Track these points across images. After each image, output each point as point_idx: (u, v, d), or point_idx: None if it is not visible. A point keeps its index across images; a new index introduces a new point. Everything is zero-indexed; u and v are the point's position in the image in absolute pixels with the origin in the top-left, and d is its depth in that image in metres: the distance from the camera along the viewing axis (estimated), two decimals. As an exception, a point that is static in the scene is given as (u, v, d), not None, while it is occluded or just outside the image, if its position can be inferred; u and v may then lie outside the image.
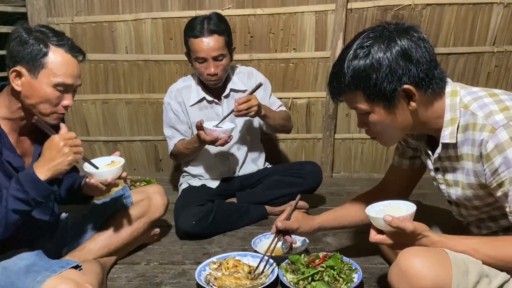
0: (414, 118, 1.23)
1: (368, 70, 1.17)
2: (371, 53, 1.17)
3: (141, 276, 1.79)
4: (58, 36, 1.46)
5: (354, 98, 1.24)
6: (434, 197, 1.90)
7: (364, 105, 1.23)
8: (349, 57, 1.20)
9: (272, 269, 1.66)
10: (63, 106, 1.49)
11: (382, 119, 1.23)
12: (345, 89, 1.23)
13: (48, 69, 1.43)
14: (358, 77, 1.19)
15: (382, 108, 1.21)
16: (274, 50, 2.85)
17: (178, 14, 2.80)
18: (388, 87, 1.17)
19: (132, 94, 2.99)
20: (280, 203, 2.30)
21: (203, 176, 2.38)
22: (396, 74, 1.16)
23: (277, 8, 2.77)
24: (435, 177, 1.37)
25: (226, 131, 2.07)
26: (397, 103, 1.20)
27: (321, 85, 2.90)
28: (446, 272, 1.12)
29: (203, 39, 2.07)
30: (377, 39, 1.18)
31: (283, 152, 3.09)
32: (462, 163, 1.25)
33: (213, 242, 2.08)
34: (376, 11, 2.73)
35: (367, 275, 1.70)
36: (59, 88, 1.45)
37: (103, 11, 2.84)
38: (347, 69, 1.20)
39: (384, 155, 3.01)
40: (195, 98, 2.28)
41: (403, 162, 1.54)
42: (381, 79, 1.16)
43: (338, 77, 1.23)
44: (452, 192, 1.33)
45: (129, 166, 3.17)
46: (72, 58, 1.48)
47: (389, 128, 1.25)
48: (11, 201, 1.34)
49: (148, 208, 1.91)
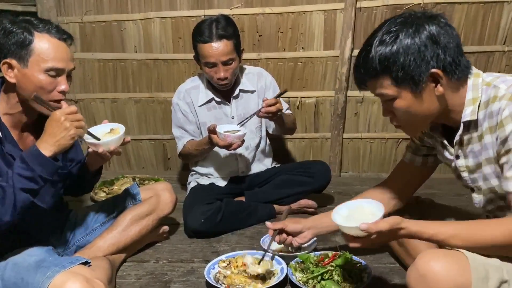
0: (440, 103, 1.23)
1: (396, 54, 1.17)
2: (399, 37, 1.17)
3: (150, 274, 1.79)
4: (42, 23, 1.46)
5: (381, 83, 1.23)
6: (444, 197, 1.89)
7: (391, 90, 1.22)
8: (376, 43, 1.20)
9: (281, 267, 1.66)
10: (59, 91, 1.48)
11: (408, 104, 1.22)
12: (373, 74, 1.22)
13: (36, 55, 1.42)
14: (386, 61, 1.18)
15: (410, 92, 1.21)
16: (283, 49, 2.85)
17: (187, 13, 2.81)
18: (416, 71, 1.17)
19: (141, 93, 3.00)
20: (289, 202, 2.30)
21: (212, 175, 2.38)
22: (425, 58, 1.17)
23: (285, 7, 2.76)
24: (456, 165, 1.35)
25: (240, 137, 2.06)
26: (424, 88, 1.20)
27: (329, 84, 2.90)
28: (465, 277, 1.10)
29: (212, 44, 2.07)
30: (405, 25, 1.19)
31: (291, 151, 3.08)
32: (482, 141, 1.24)
33: (221, 240, 2.08)
34: (386, 10, 2.72)
35: (377, 274, 1.69)
36: (51, 73, 1.44)
37: (112, 10, 2.86)
38: (374, 54, 1.20)
39: (392, 154, 3.00)
40: (203, 98, 2.29)
41: (416, 159, 1.53)
42: (410, 63, 1.17)
43: (365, 63, 1.23)
44: (474, 176, 1.32)
45: (137, 165, 3.18)
46: (59, 42, 1.46)
47: (415, 114, 1.24)
48: (17, 180, 1.33)
49: (156, 205, 1.91)
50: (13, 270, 1.42)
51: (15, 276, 1.40)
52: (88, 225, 1.83)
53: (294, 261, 1.67)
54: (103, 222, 1.85)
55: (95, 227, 1.83)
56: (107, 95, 3.02)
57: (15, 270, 1.42)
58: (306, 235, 1.64)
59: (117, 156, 3.10)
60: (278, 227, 1.63)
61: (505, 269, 1.14)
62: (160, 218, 1.94)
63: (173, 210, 1.99)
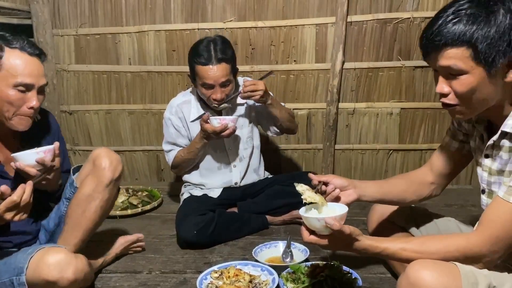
0: (503, 93, 1.20)
1: (488, 29, 1.11)
2: (495, 12, 1.11)
3: (143, 284, 1.80)
4: (15, 39, 1.47)
5: (459, 54, 1.14)
6: (433, 207, 1.92)
7: (466, 64, 1.15)
8: (468, 12, 1.12)
9: (273, 277, 1.68)
10: (28, 107, 1.49)
11: (477, 82, 1.16)
12: (454, 41, 1.14)
13: (5, 70, 1.44)
14: (476, 33, 1.11)
15: (482, 71, 1.14)
16: (275, 62, 2.90)
17: (180, 27, 2.85)
18: (501, 51, 1.12)
19: (135, 105, 3.03)
20: (281, 212, 2.32)
21: (205, 186, 2.40)
22: (511, 42, 1.12)
23: (278, 21, 2.82)
24: (482, 163, 1.33)
25: (234, 120, 2.14)
26: (497, 72, 1.14)
27: (321, 96, 2.94)
28: (455, 284, 1.12)
29: (212, 67, 2.09)
30: (501, 1, 1.13)
31: (284, 162, 3.11)
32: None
33: (214, 251, 2.10)
34: (376, 24, 2.78)
35: (367, 285, 1.71)
36: (20, 88, 1.45)
37: (107, 23, 2.89)
38: (466, 22, 1.12)
39: (384, 165, 3.03)
40: (195, 114, 2.31)
41: (452, 144, 1.50)
42: (498, 42, 1.11)
43: (449, 27, 1.14)
44: (491, 180, 1.30)
45: (131, 176, 3.20)
46: (30, 57, 1.47)
47: (477, 95, 1.18)
48: None
49: (94, 174, 1.67)
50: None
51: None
52: (53, 233, 1.74)
53: (286, 272, 1.69)
54: (57, 223, 1.72)
55: (56, 231, 1.72)
56: (101, 107, 3.04)
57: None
58: (351, 193, 1.50)
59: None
60: (323, 179, 1.49)
61: (493, 276, 1.17)
62: (106, 185, 1.66)
63: (118, 175, 1.70)
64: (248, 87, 2.13)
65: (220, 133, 2.11)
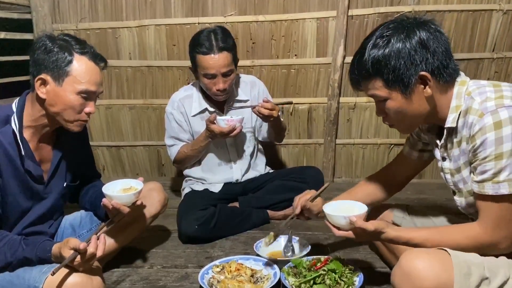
0: (429, 104, 1.29)
1: (387, 58, 1.24)
2: (391, 42, 1.24)
3: (145, 279, 1.81)
4: (81, 44, 1.50)
5: (373, 85, 1.30)
6: (435, 201, 1.92)
7: (382, 92, 1.29)
8: (370, 46, 1.27)
9: (274, 272, 1.68)
10: (86, 113, 1.52)
11: (399, 104, 1.29)
12: (366, 76, 1.30)
13: (73, 76, 1.46)
14: (378, 64, 1.25)
15: (400, 94, 1.27)
16: (276, 56, 2.88)
17: (181, 21, 2.83)
18: (406, 74, 1.24)
19: (136, 100, 3.02)
20: (282, 207, 2.32)
21: (206, 180, 2.40)
22: (414, 62, 1.23)
23: (279, 15, 2.80)
24: (442, 167, 1.42)
25: (241, 120, 2.14)
26: (414, 89, 1.26)
27: (322, 90, 2.93)
28: (448, 274, 1.15)
29: (213, 56, 2.09)
30: (397, 30, 1.25)
31: (285, 157, 3.11)
32: (461, 147, 1.31)
33: (215, 246, 2.10)
34: (377, 17, 2.76)
35: (368, 279, 1.71)
36: (83, 95, 1.48)
37: (107, 18, 2.88)
38: (368, 57, 1.26)
39: (385, 160, 3.03)
40: (197, 108, 2.31)
41: (413, 153, 1.61)
42: (400, 66, 1.24)
43: (359, 65, 1.30)
44: (455, 180, 1.38)
45: (131, 171, 3.19)
46: (95, 66, 1.51)
47: (406, 114, 1.31)
48: (18, 259, 1.40)
49: (143, 208, 1.83)
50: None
51: (10, 274, 1.42)
52: (75, 230, 1.81)
53: (287, 266, 1.69)
54: (90, 228, 1.82)
55: (81, 233, 1.81)
56: (101, 102, 3.03)
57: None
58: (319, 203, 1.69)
59: (112, 163, 3.16)
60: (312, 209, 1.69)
61: (486, 266, 1.19)
62: (150, 218, 1.89)
63: (163, 209, 1.96)
64: (266, 111, 2.13)
65: (227, 134, 2.11)
